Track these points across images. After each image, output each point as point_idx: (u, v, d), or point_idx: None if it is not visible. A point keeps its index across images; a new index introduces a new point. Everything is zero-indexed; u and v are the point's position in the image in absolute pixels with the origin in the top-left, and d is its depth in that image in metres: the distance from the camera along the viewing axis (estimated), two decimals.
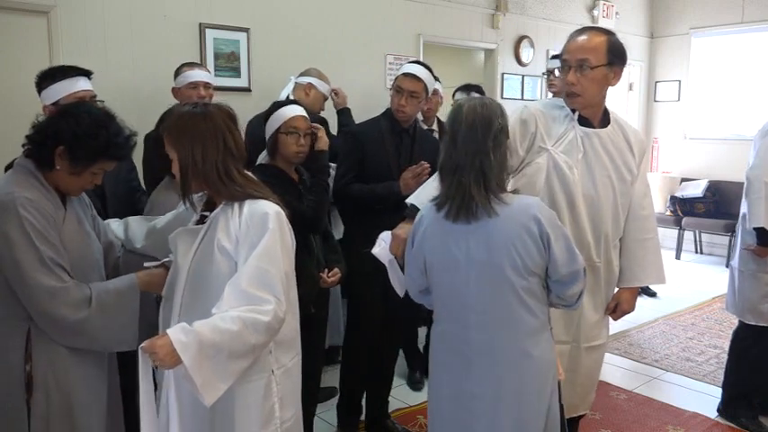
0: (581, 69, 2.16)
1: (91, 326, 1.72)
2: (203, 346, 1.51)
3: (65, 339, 1.73)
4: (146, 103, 3.33)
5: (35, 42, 3.44)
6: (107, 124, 1.79)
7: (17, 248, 1.64)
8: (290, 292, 1.73)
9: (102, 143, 1.75)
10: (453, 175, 1.80)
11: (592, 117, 2.27)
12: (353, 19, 4.75)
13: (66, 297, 1.68)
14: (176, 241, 1.78)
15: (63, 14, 3.49)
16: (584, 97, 2.21)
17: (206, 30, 4.02)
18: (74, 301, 1.69)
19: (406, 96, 2.85)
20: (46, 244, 1.67)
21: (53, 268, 1.67)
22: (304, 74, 3.69)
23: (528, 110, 2.26)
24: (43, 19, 3.45)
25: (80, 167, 1.76)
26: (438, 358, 1.95)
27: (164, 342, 1.49)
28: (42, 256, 1.66)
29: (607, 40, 2.18)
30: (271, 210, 1.68)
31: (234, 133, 1.74)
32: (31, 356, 1.72)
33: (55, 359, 1.74)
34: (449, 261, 1.84)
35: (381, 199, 2.79)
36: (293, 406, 1.83)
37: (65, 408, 1.76)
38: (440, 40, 5.44)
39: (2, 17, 3.34)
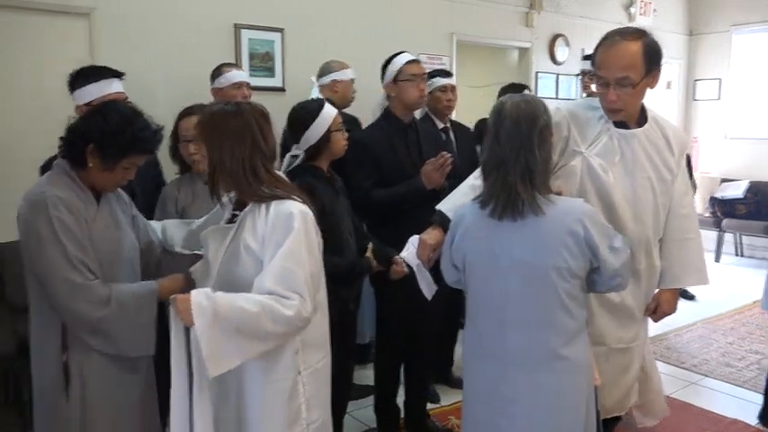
0: (621, 87, 2.06)
1: (108, 325, 1.75)
2: (218, 317, 1.55)
3: (85, 337, 1.77)
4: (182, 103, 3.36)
5: (76, 43, 3.52)
6: (133, 120, 1.83)
7: (45, 245, 1.70)
8: (317, 293, 1.74)
9: (129, 138, 1.80)
10: (497, 171, 1.78)
11: (628, 118, 2.22)
12: (387, 18, 4.76)
13: (88, 294, 1.72)
14: (207, 239, 1.81)
15: (103, 16, 3.56)
16: (626, 111, 2.15)
17: (241, 30, 4.07)
18: (94, 298, 1.73)
19: (421, 80, 2.85)
20: (73, 241, 1.72)
21: (77, 265, 1.71)
22: (323, 73, 3.69)
23: (560, 112, 2.21)
24: (85, 20, 3.53)
25: (111, 163, 1.81)
26: (472, 359, 1.94)
27: (185, 299, 1.57)
28: (68, 253, 1.70)
29: (643, 48, 2.06)
30: (296, 210, 1.69)
31: (265, 132, 1.75)
32: (67, 346, 1.77)
33: (89, 351, 1.78)
34: (490, 261, 1.82)
35: (406, 198, 2.78)
36: (321, 407, 1.83)
37: (100, 395, 1.81)
38: (473, 39, 5.40)
39: (44, 19, 3.43)
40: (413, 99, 2.92)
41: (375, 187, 2.79)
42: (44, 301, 1.76)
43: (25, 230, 1.74)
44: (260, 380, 1.70)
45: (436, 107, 3.55)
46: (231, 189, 1.78)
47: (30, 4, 3.36)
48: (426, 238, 2.14)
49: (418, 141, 2.94)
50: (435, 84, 3.50)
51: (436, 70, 3.71)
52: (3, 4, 3.29)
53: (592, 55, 2.19)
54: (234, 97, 3.17)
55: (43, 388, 1.83)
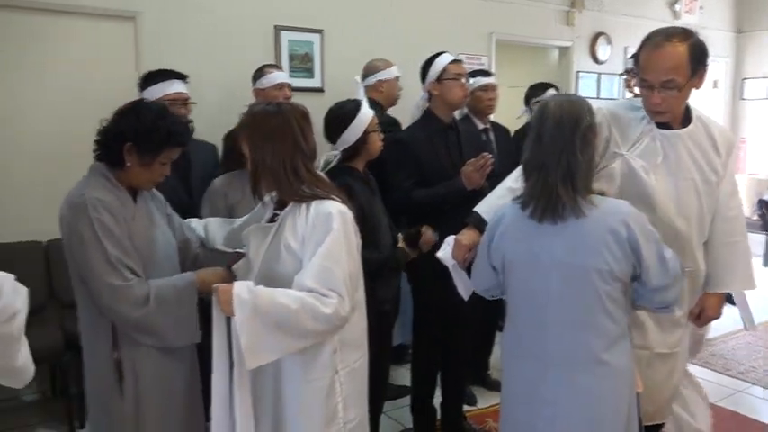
0: (666, 90, 2.00)
1: (150, 322, 1.79)
2: (258, 311, 1.58)
3: (132, 334, 1.81)
4: (223, 104, 3.43)
5: (123, 46, 3.62)
6: (165, 115, 1.88)
7: (87, 247, 1.74)
8: (355, 293, 1.75)
9: (164, 132, 1.84)
10: (539, 173, 1.76)
11: (672, 120, 2.16)
12: (425, 19, 4.75)
13: (128, 295, 1.76)
14: (249, 237, 1.84)
15: (148, 19, 3.65)
16: (671, 113, 2.10)
17: (281, 32, 4.11)
18: (134, 299, 1.76)
19: (464, 80, 2.84)
20: (113, 243, 1.75)
21: (117, 266, 1.75)
22: (368, 73, 3.69)
23: (600, 113, 2.15)
24: (130, 24, 3.63)
25: (148, 159, 1.85)
26: (511, 362, 1.92)
27: (227, 290, 1.61)
28: (108, 254, 1.74)
29: (689, 49, 1.99)
30: (335, 210, 1.70)
31: (305, 132, 1.78)
32: (118, 344, 1.81)
33: (138, 345, 1.82)
34: (531, 262, 1.80)
35: (446, 198, 2.76)
36: (358, 407, 1.84)
37: (153, 388, 1.85)
38: (513, 38, 5.35)
39: (91, 23, 3.53)
40: (457, 98, 2.91)
41: (415, 187, 2.79)
42: (91, 299, 1.80)
43: (67, 233, 1.78)
44: (298, 378, 1.72)
45: (477, 107, 3.52)
46: (272, 188, 1.81)
47: (78, 8, 3.46)
48: (461, 239, 2.13)
49: (458, 142, 2.93)
50: (476, 83, 3.48)
51: (476, 70, 3.69)
52: (53, 9, 3.39)
53: (635, 55, 2.14)
54: (275, 98, 3.21)
55: (97, 386, 1.87)
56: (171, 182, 2.09)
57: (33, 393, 3.55)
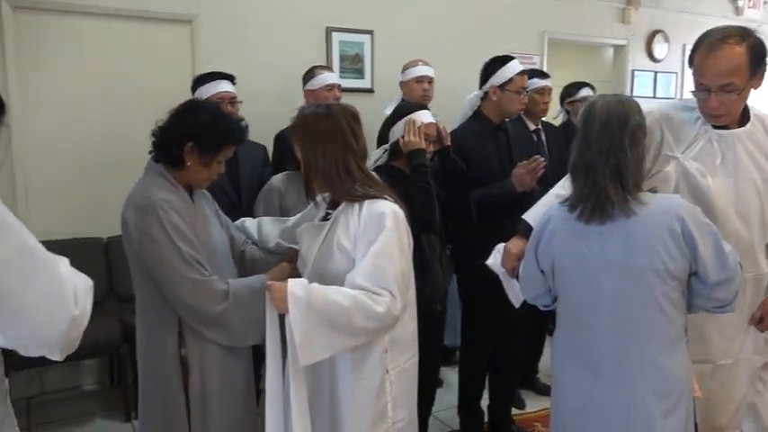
0: (724, 93, 1.93)
1: (227, 319, 1.80)
2: (312, 309, 1.59)
3: (203, 330, 1.83)
4: (276, 104, 3.48)
5: (179, 49, 3.72)
6: (221, 113, 1.92)
7: (161, 248, 1.75)
8: (407, 293, 1.75)
9: (224, 130, 1.87)
10: (586, 174, 1.73)
11: (730, 122, 2.08)
12: (476, 18, 4.72)
13: (208, 290, 1.78)
14: (302, 236, 1.87)
15: (204, 23, 3.75)
16: (729, 116, 2.02)
17: (332, 33, 4.16)
18: (213, 294, 1.79)
19: (525, 93, 2.81)
20: (184, 241, 1.78)
21: (193, 264, 1.78)
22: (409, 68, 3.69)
23: (652, 116, 2.09)
24: (187, 27, 3.73)
25: (208, 158, 1.88)
26: (562, 366, 1.88)
27: (281, 288, 1.63)
28: (183, 252, 1.76)
29: (747, 50, 1.90)
30: (388, 209, 1.71)
31: (356, 132, 1.79)
32: (185, 341, 1.83)
33: (204, 345, 1.84)
34: (580, 264, 1.77)
35: (496, 200, 2.74)
36: (407, 407, 1.84)
37: (216, 387, 1.87)
38: (566, 36, 5.26)
39: (150, 26, 3.65)
40: (514, 110, 2.91)
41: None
42: (158, 299, 1.82)
43: (137, 235, 1.78)
44: (349, 377, 1.74)
45: (531, 109, 3.46)
46: (325, 189, 1.83)
47: (137, 12, 3.58)
48: (510, 247, 2.10)
49: (508, 143, 2.90)
50: (532, 85, 3.40)
51: (533, 71, 3.61)
52: (111, 13, 3.52)
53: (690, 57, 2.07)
54: (326, 98, 3.26)
55: (160, 382, 1.86)
56: (219, 181, 2.13)
57: (93, 383, 3.70)
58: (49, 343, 1.14)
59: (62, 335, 1.13)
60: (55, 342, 1.14)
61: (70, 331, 1.14)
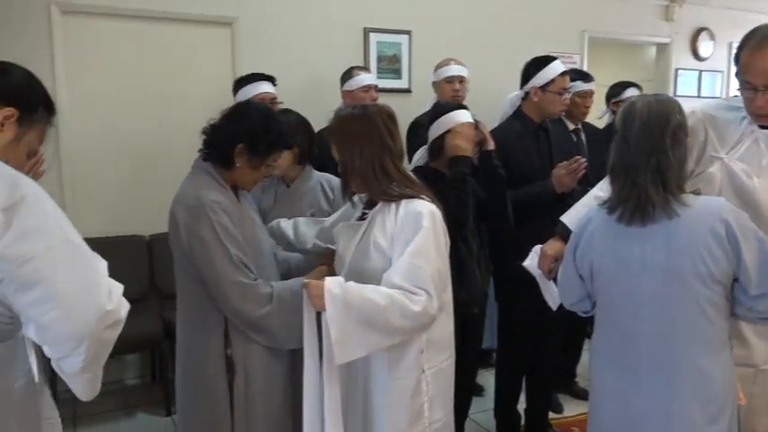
0: None
1: (270, 323, 1.81)
2: (348, 307, 1.60)
3: (248, 332, 1.84)
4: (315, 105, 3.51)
5: (220, 51, 3.79)
6: (273, 117, 1.93)
7: (210, 249, 1.76)
8: (443, 293, 1.75)
9: (276, 134, 1.89)
10: (626, 175, 1.70)
11: None
12: (514, 17, 4.68)
13: (253, 293, 1.79)
14: (339, 235, 1.88)
15: (245, 25, 3.81)
16: None
17: (370, 34, 4.17)
18: (258, 297, 1.80)
19: (567, 94, 2.77)
20: (233, 243, 1.79)
21: (240, 267, 1.79)
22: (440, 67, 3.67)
23: (695, 116, 2.04)
24: (227, 29, 3.80)
25: (257, 161, 1.89)
26: (601, 370, 1.85)
27: (318, 285, 1.64)
28: (231, 254, 1.78)
29: None
30: (425, 209, 1.71)
31: (392, 131, 1.80)
32: (231, 342, 1.84)
33: (249, 347, 1.85)
34: (620, 267, 1.73)
35: (535, 200, 2.71)
36: (444, 408, 1.83)
37: (261, 386, 1.88)
38: (607, 35, 5.18)
39: (191, 29, 3.72)
40: (555, 112, 2.87)
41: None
42: (204, 299, 1.83)
43: (186, 236, 1.78)
44: (385, 376, 1.74)
45: (572, 111, 3.41)
46: (362, 189, 1.83)
47: (179, 15, 3.66)
48: (547, 249, 2.08)
49: (549, 143, 2.87)
50: (575, 88, 3.34)
51: (576, 72, 3.55)
52: (155, 17, 3.60)
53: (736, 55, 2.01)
54: (362, 99, 3.28)
55: (204, 382, 1.86)
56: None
57: (134, 378, 3.79)
58: (76, 334, 1.15)
59: (90, 326, 1.15)
60: (81, 334, 1.15)
61: (99, 325, 1.16)
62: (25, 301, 1.13)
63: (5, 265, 1.10)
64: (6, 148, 1.25)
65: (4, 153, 1.24)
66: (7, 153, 1.25)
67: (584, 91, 3.46)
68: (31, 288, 1.12)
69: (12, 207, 1.11)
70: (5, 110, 1.24)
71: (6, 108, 1.24)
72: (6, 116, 1.24)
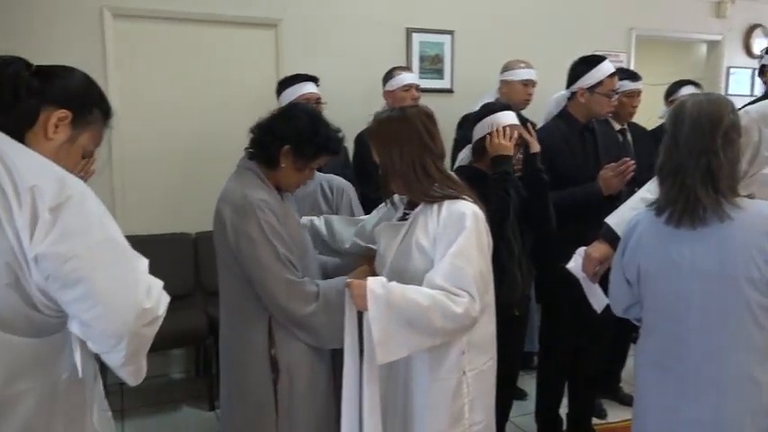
0: None
1: (315, 321, 1.83)
2: (390, 307, 1.60)
3: (294, 330, 1.85)
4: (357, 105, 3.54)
5: (264, 52, 3.85)
6: (322, 121, 1.93)
7: (258, 248, 1.78)
8: (486, 294, 1.73)
9: (323, 138, 1.90)
10: (675, 176, 1.66)
11: None
12: (559, 16, 4.61)
13: (301, 291, 1.81)
14: (380, 235, 1.89)
15: (289, 26, 3.85)
16: None
17: (413, 34, 4.17)
18: (305, 295, 1.81)
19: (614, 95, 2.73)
20: (280, 241, 1.81)
21: (287, 264, 1.81)
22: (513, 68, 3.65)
23: (748, 116, 1.98)
24: (272, 31, 3.85)
25: (302, 164, 1.90)
26: (647, 376, 1.81)
27: (361, 285, 1.65)
28: (278, 252, 1.79)
29: None
30: (468, 210, 1.71)
31: (432, 131, 1.80)
32: (275, 342, 1.86)
33: (293, 345, 1.87)
34: (668, 270, 1.69)
35: (581, 202, 2.67)
36: (485, 410, 1.82)
37: (304, 387, 1.89)
38: (655, 33, 5.05)
39: (237, 31, 3.79)
40: (602, 113, 2.83)
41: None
42: (249, 298, 1.84)
43: (233, 234, 1.79)
44: (426, 377, 1.74)
45: (619, 112, 3.32)
46: (403, 191, 1.84)
47: (226, 18, 3.73)
48: (591, 252, 2.04)
49: (595, 144, 2.82)
50: (622, 88, 3.25)
51: (623, 71, 3.47)
52: (202, 19, 3.68)
53: None
54: (403, 99, 3.28)
55: (250, 381, 1.88)
56: None
57: (180, 372, 3.88)
58: (116, 332, 1.19)
59: (129, 325, 1.19)
60: (121, 332, 1.19)
61: (137, 323, 1.19)
62: (68, 298, 1.17)
63: (50, 263, 1.14)
64: (60, 149, 1.29)
65: (58, 154, 1.28)
66: (60, 154, 1.29)
67: (631, 90, 3.38)
68: (72, 286, 1.16)
69: (58, 207, 1.15)
70: (59, 112, 1.28)
71: (60, 110, 1.28)
72: (60, 118, 1.28)
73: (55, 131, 1.28)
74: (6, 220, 1.14)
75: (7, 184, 1.14)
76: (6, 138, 1.20)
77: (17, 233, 1.14)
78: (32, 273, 1.15)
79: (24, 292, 1.17)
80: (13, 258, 1.14)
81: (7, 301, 1.16)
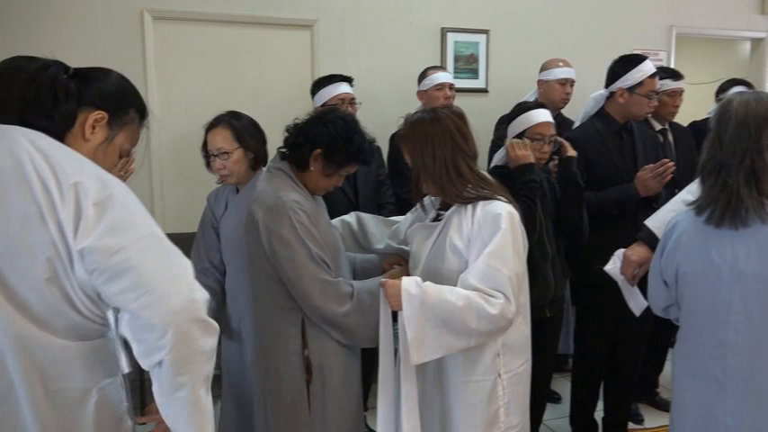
0: None
1: (349, 321, 1.83)
2: (425, 307, 1.60)
3: (328, 330, 1.86)
4: (392, 105, 3.54)
5: (299, 53, 3.88)
6: (357, 129, 1.93)
7: (292, 247, 1.79)
8: (521, 296, 1.72)
9: (355, 147, 1.90)
10: (717, 175, 1.62)
11: None
12: (596, 14, 4.53)
13: (336, 291, 1.82)
14: (414, 236, 1.89)
15: (324, 27, 3.87)
16: None
17: (447, 33, 4.16)
18: (340, 295, 1.82)
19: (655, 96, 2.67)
20: (313, 241, 1.82)
21: (321, 264, 1.82)
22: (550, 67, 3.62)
23: None
24: (307, 32, 3.88)
25: (332, 169, 1.92)
26: (684, 381, 1.77)
27: (395, 285, 1.65)
28: (312, 252, 1.80)
29: None
30: (504, 210, 1.69)
31: (464, 132, 1.79)
32: (308, 343, 1.87)
33: (325, 345, 1.88)
34: (708, 272, 1.66)
35: (617, 204, 2.62)
36: (520, 413, 1.81)
37: (336, 387, 1.90)
38: (696, 30, 4.93)
39: (272, 32, 3.82)
40: (642, 114, 2.77)
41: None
42: (282, 299, 1.86)
43: (266, 235, 1.80)
44: (460, 378, 1.74)
45: (660, 111, 3.24)
46: (436, 192, 1.83)
47: (262, 19, 3.76)
48: (630, 255, 2.01)
49: (633, 144, 2.76)
50: (663, 87, 3.17)
51: (664, 70, 3.40)
52: (240, 21, 3.72)
53: None
54: (436, 99, 3.27)
55: (284, 382, 1.88)
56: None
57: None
58: (162, 320, 1.17)
59: (176, 315, 1.18)
60: (166, 320, 1.17)
61: (185, 313, 1.18)
62: (115, 289, 1.18)
63: (97, 256, 1.16)
64: (97, 149, 1.32)
65: (96, 154, 1.31)
66: (98, 154, 1.32)
67: (672, 90, 3.30)
68: (120, 277, 1.17)
69: (102, 202, 1.18)
70: (96, 113, 1.31)
71: (97, 112, 1.31)
72: (97, 119, 1.31)
73: (92, 132, 1.31)
74: (49, 215, 1.16)
75: (50, 179, 1.17)
76: (49, 138, 1.23)
77: (61, 228, 1.16)
78: (75, 267, 1.17)
79: (64, 289, 1.19)
80: (55, 253, 1.16)
81: (47, 297, 1.18)
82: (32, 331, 1.19)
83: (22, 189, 1.16)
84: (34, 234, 1.16)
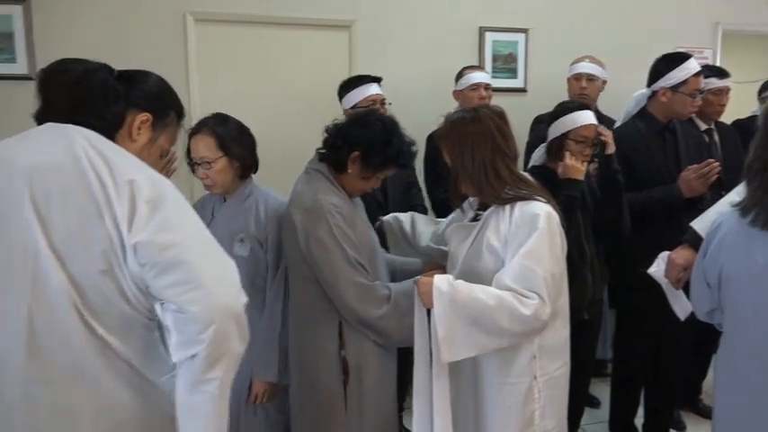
0: None
1: (386, 324, 1.84)
2: (455, 305, 1.60)
3: (365, 331, 1.87)
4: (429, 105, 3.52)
5: (338, 53, 3.90)
6: (397, 132, 1.93)
7: (329, 250, 1.81)
8: (559, 298, 1.70)
9: (394, 151, 1.90)
10: (763, 175, 1.58)
11: None
12: (639, 11, 4.45)
13: (373, 294, 1.83)
14: (451, 236, 1.89)
15: (362, 27, 3.89)
16: None
17: (485, 33, 4.13)
18: (377, 298, 1.83)
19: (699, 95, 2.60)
20: (349, 245, 1.83)
21: (358, 267, 1.83)
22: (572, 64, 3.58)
23: None
24: (345, 33, 3.90)
25: (369, 172, 1.92)
26: (726, 388, 1.72)
27: (428, 282, 1.65)
28: (349, 255, 1.82)
29: None
30: (542, 210, 1.68)
31: (505, 132, 1.77)
32: (345, 343, 1.88)
33: (362, 346, 1.89)
34: (753, 275, 1.61)
35: (659, 205, 2.57)
36: (557, 417, 1.79)
37: (373, 387, 1.91)
38: (743, 27, 4.78)
39: (310, 32, 3.86)
40: (685, 114, 2.71)
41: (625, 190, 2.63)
42: (319, 300, 1.87)
43: (304, 237, 1.82)
44: (495, 379, 1.73)
45: (705, 111, 3.16)
46: (473, 192, 1.82)
47: (301, 20, 3.81)
48: (675, 257, 1.96)
49: (676, 144, 2.70)
50: (708, 85, 3.09)
51: (710, 68, 3.31)
52: (276, 22, 3.77)
53: None
54: (471, 99, 3.25)
55: (320, 383, 1.90)
56: None
57: None
58: (207, 315, 1.20)
59: (221, 310, 1.21)
60: (211, 315, 1.20)
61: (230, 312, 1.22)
62: (165, 283, 1.22)
63: (149, 251, 1.21)
64: (142, 149, 1.39)
65: (141, 154, 1.36)
66: (142, 154, 1.38)
67: (718, 88, 3.21)
68: (171, 270, 1.21)
69: (154, 200, 1.23)
70: (142, 115, 1.37)
71: (143, 113, 1.37)
72: (142, 121, 1.37)
73: (138, 133, 1.38)
74: (106, 211, 1.21)
75: (107, 176, 1.22)
76: (103, 137, 1.29)
77: (116, 222, 1.21)
78: (128, 260, 1.22)
79: (117, 281, 1.23)
80: (110, 246, 1.21)
81: (101, 288, 1.23)
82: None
83: (82, 185, 1.22)
84: (92, 228, 1.21)
